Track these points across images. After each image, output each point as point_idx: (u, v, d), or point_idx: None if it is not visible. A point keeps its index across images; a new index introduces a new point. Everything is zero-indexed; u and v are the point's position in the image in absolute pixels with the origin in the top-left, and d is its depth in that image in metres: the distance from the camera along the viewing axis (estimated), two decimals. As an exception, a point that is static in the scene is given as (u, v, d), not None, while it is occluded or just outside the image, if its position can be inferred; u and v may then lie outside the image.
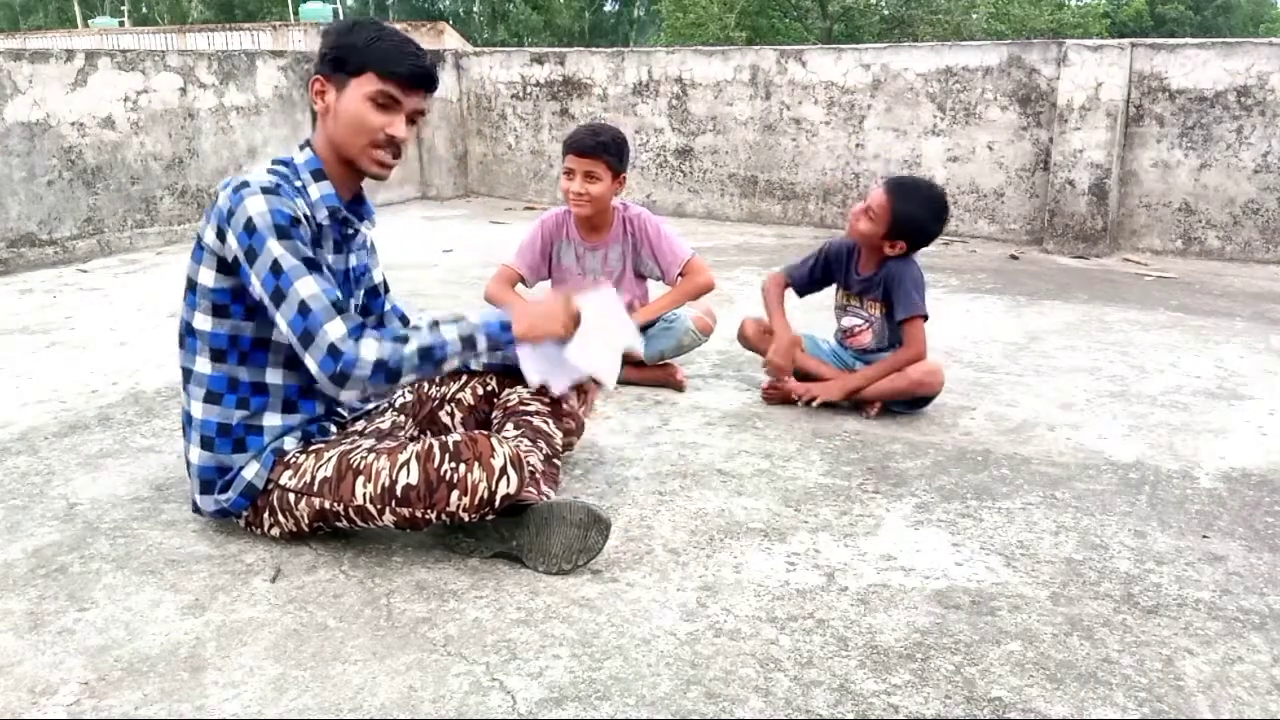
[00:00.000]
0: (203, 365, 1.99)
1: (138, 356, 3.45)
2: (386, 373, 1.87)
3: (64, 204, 5.20)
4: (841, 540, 2.10)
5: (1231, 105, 5.16)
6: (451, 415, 2.34)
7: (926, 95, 5.89)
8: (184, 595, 1.87)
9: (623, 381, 3.12)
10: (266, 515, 2.03)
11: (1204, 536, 2.12)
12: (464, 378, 2.38)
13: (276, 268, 1.85)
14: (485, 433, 1.96)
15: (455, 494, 1.87)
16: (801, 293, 3.07)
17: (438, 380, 2.38)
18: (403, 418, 2.31)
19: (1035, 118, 5.62)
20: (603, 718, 1.52)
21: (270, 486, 2.00)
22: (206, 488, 2.04)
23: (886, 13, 25.30)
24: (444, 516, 1.90)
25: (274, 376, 2.02)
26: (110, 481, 2.40)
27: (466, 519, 1.91)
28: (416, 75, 1.96)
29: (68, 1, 36.47)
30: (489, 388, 2.37)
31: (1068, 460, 2.54)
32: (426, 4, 39.89)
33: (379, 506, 1.90)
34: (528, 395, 2.28)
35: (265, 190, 1.88)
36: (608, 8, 40.67)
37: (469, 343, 1.95)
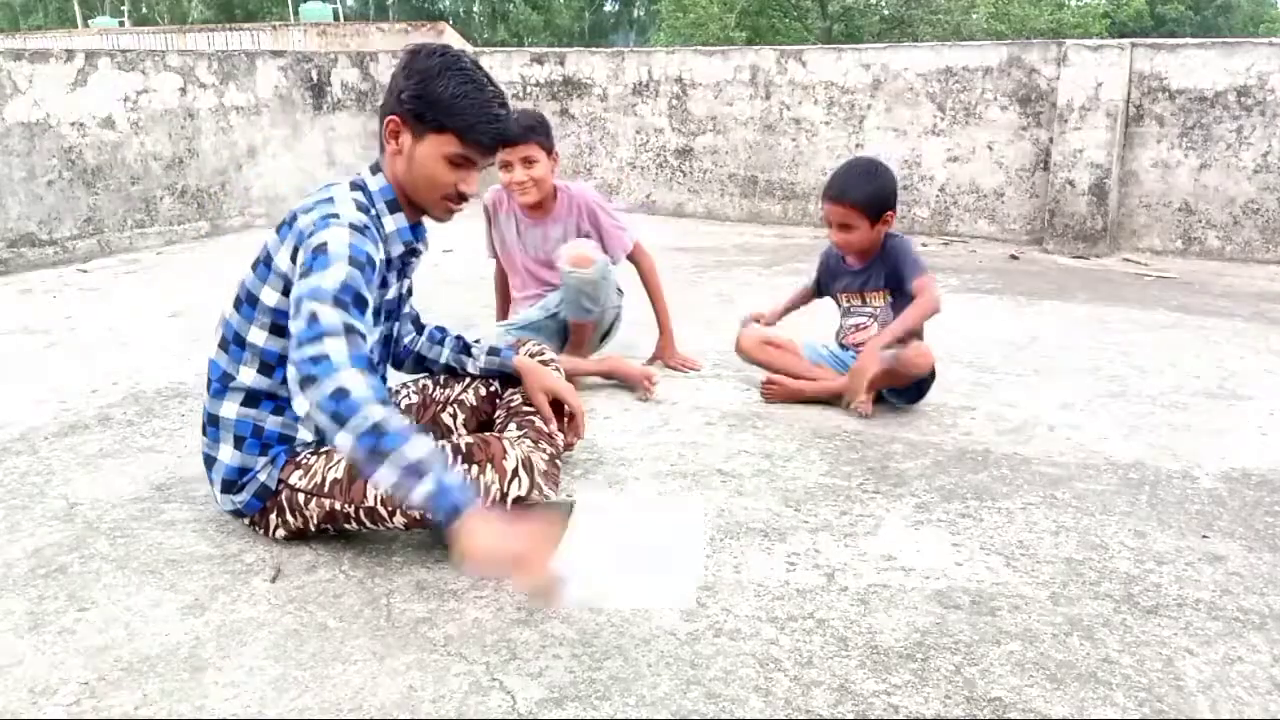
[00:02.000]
0: (246, 375, 2.00)
1: (138, 356, 3.45)
2: (340, 404, 1.64)
3: (64, 204, 5.20)
4: (841, 540, 2.10)
5: (1231, 105, 5.16)
6: (454, 416, 2.35)
7: (926, 95, 5.89)
8: (184, 595, 1.87)
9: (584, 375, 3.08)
10: (274, 515, 2.03)
11: (1204, 536, 2.12)
12: (467, 379, 2.39)
13: (318, 292, 1.75)
14: (497, 435, 1.96)
15: None
16: (821, 293, 3.14)
17: (442, 381, 2.40)
18: (409, 419, 2.31)
19: (1035, 118, 5.62)
20: (603, 718, 1.52)
21: (280, 487, 2.01)
22: (227, 487, 2.05)
23: (886, 13, 25.30)
24: None
25: None
26: (110, 481, 2.40)
27: None
28: (499, 140, 1.94)
29: (68, 1, 36.45)
30: (492, 388, 2.39)
31: (1068, 460, 2.54)
32: (426, 4, 39.87)
33: (390, 508, 1.90)
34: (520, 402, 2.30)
35: (354, 228, 1.85)
36: (608, 8, 40.64)
37: (404, 482, 1.62)
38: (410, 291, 2.30)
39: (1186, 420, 2.84)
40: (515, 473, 1.89)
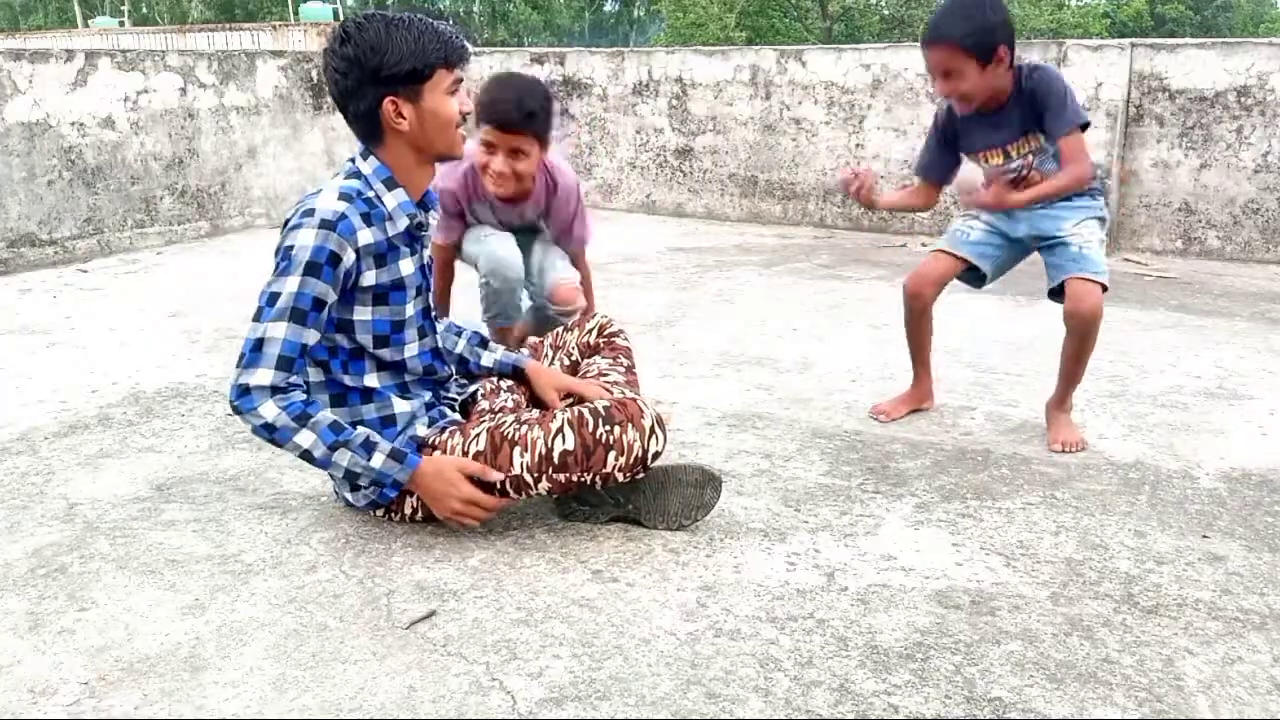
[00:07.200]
0: (316, 375, 2.05)
1: (138, 356, 3.45)
2: (272, 435, 1.92)
3: (64, 204, 5.20)
4: (841, 540, 2.10)
5: (1231, 105, 5.16)
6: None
7: (926, 95, 5.88)
8: (184, 595, 1.87)
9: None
10: (412, 498, 2.07)
11: (1204, 536, 2.12)
12: (551, 355, 2.46)
13: (273, 298, 1.91)
14: (631, 396, 2.05)
15: (612, 455, 1.96)
16: (940, 178, 2.79)
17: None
18: (517, 395, 2.32)
19: (1035, 118, 5.61)
20: (603, 718, 1.52)
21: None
22: (356, 486, 2.08)
23: (886, 13, 25.31)
24: (598, 479, 1.98)
25: (372, 380, 2.07)
26: (110, 481, 2.40)
27: (620, 479, 2.00)
28: (466, 41, 2.16)
29: (68, 1, 36.43)
30: (574, 358, 2.45)
31: (1068, 460, 2.54)
32: (427, 4, 39.88)
33: (536, 475, 1.97)
34: (605, 366, 2.36)
35: (324, 224, 1.90)
36: (608, 8, 40.65)
37: (351, 476, 1.97)
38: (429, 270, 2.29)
39: (1186, 420, 2.84)
40: (653, 430, 1.99)
